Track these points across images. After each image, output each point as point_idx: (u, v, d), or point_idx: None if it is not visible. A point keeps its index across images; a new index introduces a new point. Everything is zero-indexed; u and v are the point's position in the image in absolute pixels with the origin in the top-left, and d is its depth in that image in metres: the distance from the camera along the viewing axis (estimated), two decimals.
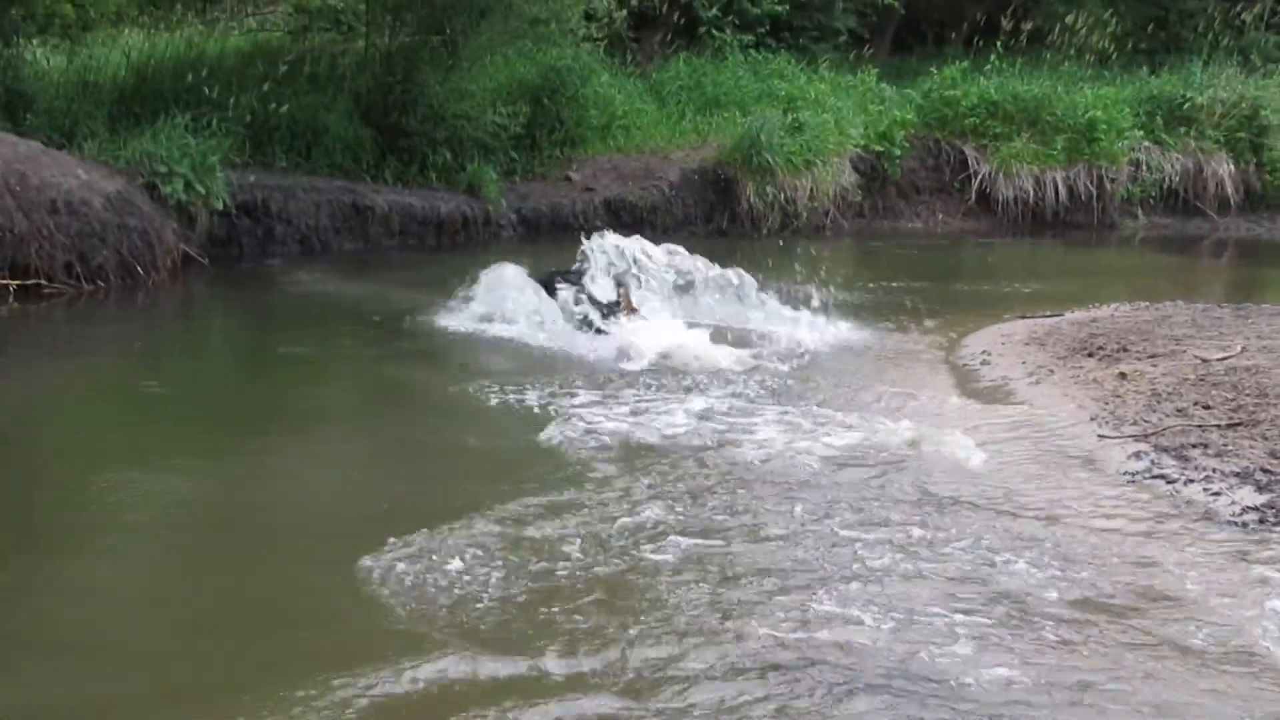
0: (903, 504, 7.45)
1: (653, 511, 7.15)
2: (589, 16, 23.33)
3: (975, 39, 27.66)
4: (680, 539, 6.76)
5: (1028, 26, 27.49)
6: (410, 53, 20.44)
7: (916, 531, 6.96)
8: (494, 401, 9.80)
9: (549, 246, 19.97)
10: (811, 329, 12.74)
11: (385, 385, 10.88)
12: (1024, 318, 13.44)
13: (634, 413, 9.42)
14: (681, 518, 7.11)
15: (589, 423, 9.08)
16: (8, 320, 12.84)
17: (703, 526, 6.99)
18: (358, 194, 18.86)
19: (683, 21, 26.20)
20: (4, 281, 13.48)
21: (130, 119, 17.27)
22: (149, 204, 15.27)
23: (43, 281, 13.72)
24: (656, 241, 19.59)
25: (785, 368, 11.17)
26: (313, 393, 10.49)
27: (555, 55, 22.20)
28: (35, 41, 19.57)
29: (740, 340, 12.22)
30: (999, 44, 26.00)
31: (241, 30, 22.72)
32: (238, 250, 17.35)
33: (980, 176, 24.39)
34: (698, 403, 9.75)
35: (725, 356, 11.42)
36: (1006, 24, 26.88)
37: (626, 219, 21.41)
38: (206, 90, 17.73)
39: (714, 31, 25.85)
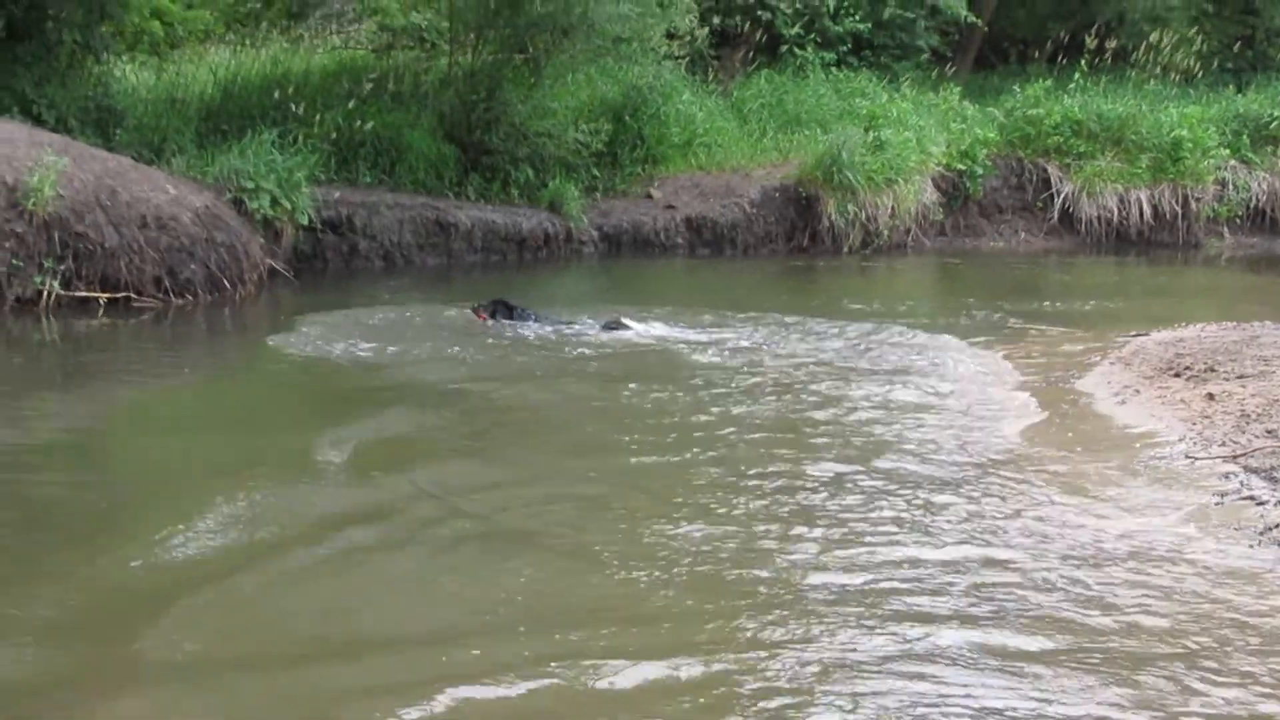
0: (982, 516, 7.42)
1: None
2: (671, 35, 23.42)
3: (1059, 57, 27.54)
4: None
5: (1112, 45, 27.25)
6: (493, 70, 20.59)
7: (989, 547, 6.94)
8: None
9: (630, 263, 20.06)
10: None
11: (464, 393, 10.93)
12: (1110, 337, 13.32)
13: None
14: None
15: None
16: (99, 333, 13.03)
17: None
18: (441, 210, 19.04)
19: (765, 39, 26.23)
20: (95, 294, 13.68)
21: (217, 135, 17.56)
22: (236, 219, 15.47)
23: (132, 295, 13.91)
24: (738, 260, 19.78)
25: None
26: (379, 413, 10.48)
27: (637, 73, 22.31)
28: (124, 58, 19.89)
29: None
30: (1083, 62, 25.81)
31: (326, 48, 22.96)
32: (322, 265, 17.59)
33: (1063, 195, 24.23)
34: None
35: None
36: (1090, 42, 26.64)
37: (707, 236, 21.49)
38: (292, 107, 18.01)
39: (796, 49, 25.85)
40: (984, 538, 7.13)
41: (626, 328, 13.72)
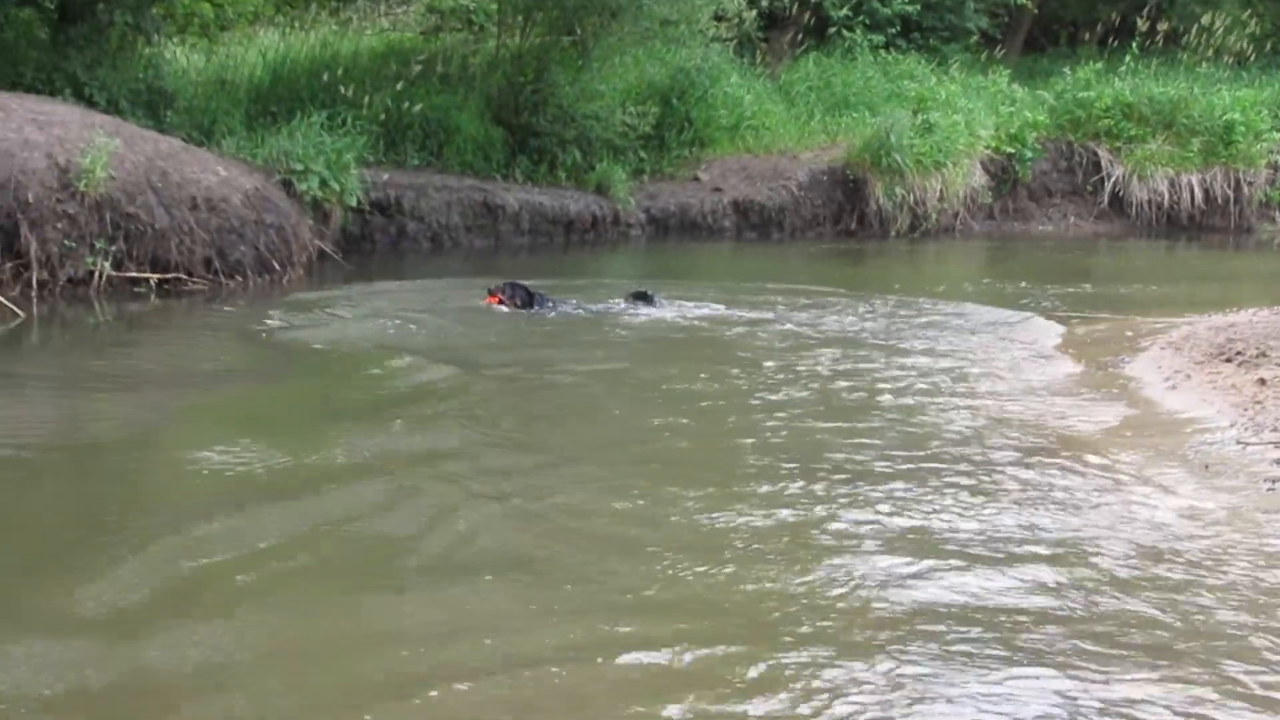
0: (1034, 501, 7.38)
1: None
2: (719, 17, 23.42)
3: (1110, 39, 27.40)
4: None
5: (1164, 27, 27.12)
6: (541, 53, 20.64)
7: (1042, 527, 6.90)
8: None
9: (677, 246, 20.08)
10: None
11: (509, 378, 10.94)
12: (1159, 322, 13.24)
13: None
14: None
15: None
16: (148, 312, 13.12)
17: None
18: (488, 192, 19.11)
19: (813, 22, 26.19)
20: (145, 275, 13.77)
21: (267, 117, 17.64)
22: (285, 201, 15.52)
23: (182, 276, 13.99)
24: (786, 243, 19.77)
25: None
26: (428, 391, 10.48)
27: (685, 55, 22.33)
28: (175, 40, 19.99)
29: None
30: (1134, 45, 25.65)
31: (375, 30, 23.02)
32: (371, 246, 17.68)
33: (1114, 179, 24.09)
34: None
35: None
36: (1142, 24, 26.48)
37: (755, 219, 21.50)
38: (341, 89, 18.08)
39: (844, 31, 25.81)
40: (1035, 525, 7.06)
41: (650, 300, 13.67)
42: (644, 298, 13.73)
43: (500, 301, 13.41)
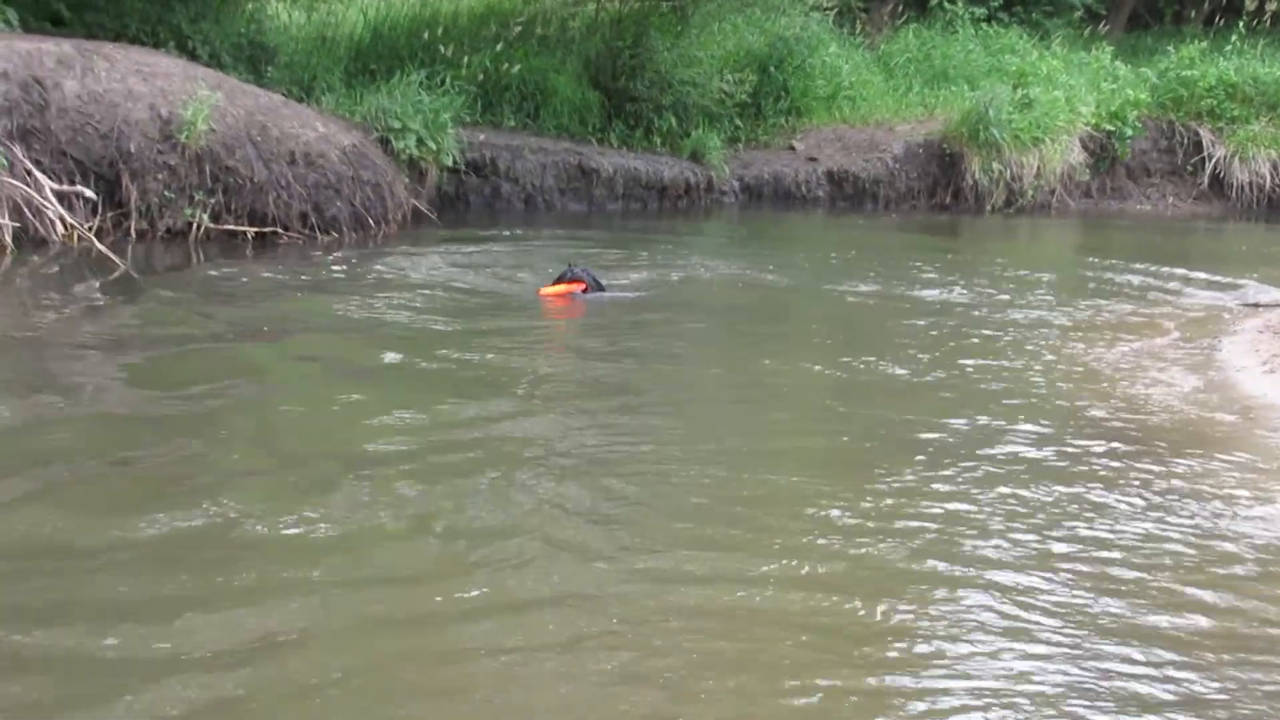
0: (1127, 501, 7.31)
1: None
2: None
3: (1216, 18, 26.96)
4: None
5: (1272, 7, 26.71)
6: (640, 17, 20.60)
7: (1133, 519, 6.84)
8: None
9: (770, 214, 20.02)
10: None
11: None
12: (1259, 305, 13.06)
13: None
14: None
15: None
16: (249, 264, 13.21)
17: None
18: (583, 156, 19.12)
19: None
20: (242, 228, 13.91)
21: (366, 75, 17.78)
22: (382, 158, 15.64)
23: (279, 230, 14.12)
24: (879, 214, 19.62)
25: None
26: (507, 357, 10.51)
27: (784, 24, 22.27)
28: None
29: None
30: (1240, 24, 25.23)
31: None
32: (465, 207, 17.75)
33: (1215, 160, 23.74)
34: None
35: None
36: (1249, 3, 26.05)
37: (849, 190, 21.42)
38: (440, 49, 18.20)
39: (945, 4, 25.60)
40: (1124, 522, 6.96)
41: (598, 285, 12.62)
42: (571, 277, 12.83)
43: (587, 289, 12.35)
